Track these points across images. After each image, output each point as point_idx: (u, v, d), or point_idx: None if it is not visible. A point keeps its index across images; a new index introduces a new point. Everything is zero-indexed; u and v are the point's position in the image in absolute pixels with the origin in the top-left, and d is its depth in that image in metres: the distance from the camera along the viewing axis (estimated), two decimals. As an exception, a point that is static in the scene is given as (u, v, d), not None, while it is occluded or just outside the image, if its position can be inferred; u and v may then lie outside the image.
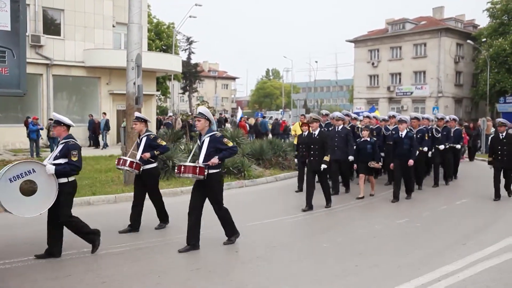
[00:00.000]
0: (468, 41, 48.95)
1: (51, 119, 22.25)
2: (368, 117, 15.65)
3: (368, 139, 12.53)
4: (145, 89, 14.66)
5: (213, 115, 31.01)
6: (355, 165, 12.92)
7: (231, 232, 8.00)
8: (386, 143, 14.30)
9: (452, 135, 15.49)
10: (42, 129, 21.75)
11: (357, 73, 58.56)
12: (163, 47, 44.14)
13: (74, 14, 27.63)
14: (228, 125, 34.52)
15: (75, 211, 10.48)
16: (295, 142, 14.88)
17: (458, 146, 15.98)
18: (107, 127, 26.98)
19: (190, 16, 43.87)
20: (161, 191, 12.24)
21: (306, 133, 11.74)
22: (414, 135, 12.69)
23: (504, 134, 12.30)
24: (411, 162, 12.03)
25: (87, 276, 6.36)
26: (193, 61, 65.18)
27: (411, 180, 12.68)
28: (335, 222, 9.77)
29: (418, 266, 6.81)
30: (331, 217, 10.08)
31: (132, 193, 11.53)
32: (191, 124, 26.66)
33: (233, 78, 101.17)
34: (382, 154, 13.90)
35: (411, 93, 52.47)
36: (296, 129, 15.83)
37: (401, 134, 12.24)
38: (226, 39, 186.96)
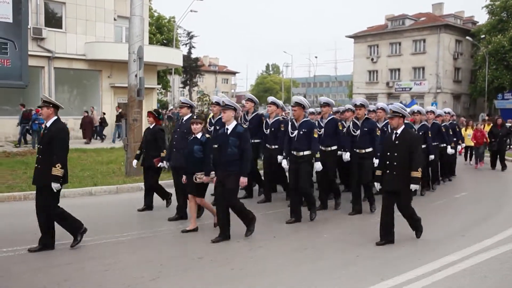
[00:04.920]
0: (467, 37, 48.97)
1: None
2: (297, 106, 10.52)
3: (199, 136, 8.00)
4: (146, 83, 14.76)
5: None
6: (184, 177, 8.29)
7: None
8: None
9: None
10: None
11: (357, 68, 58.64)
12: (164, 41, 44.15)
13: (75, 7, 27.59)
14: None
15: (77, 201, 10.64)
16: None
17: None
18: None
19: (191, 11, 43.92)
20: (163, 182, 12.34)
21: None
22: (246, 131, 7.80)
23: (400, 130, 7.63)
24: (243, 180, 7.58)
25: (89, 264, 6.43)
26: (193, 56, 65.46)
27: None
28: (334, 214, 9.80)
29: (418, 257, 6.89)
30: (330, 210, 10.10)
31: (134, 184, 11.68)
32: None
33: (233, 73, 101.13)
34: None
35: (410, 88, 52.53)
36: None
37: (227, 129, 7.75)
38: (226, 34, 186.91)
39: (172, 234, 7.96)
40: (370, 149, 9.69)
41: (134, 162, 10.08)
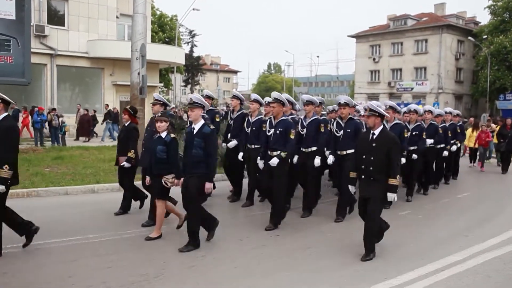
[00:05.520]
0: (469, 38, 48.92)
1: (54, 109, 22.35)
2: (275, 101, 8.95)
3: (163, 135, 7.44)
4: (148, 81, 14.71)
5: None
6: (147, 179, 7.88)
7: None
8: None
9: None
10: (45, 119, 21.72)
11: (358, 68, 58.62)
12: (166, 39, 44.12)
13: (78, 5, 27.67)
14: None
15: (80, 198, 10.63)
16: None
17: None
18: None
19: (193, 9, 43.92)
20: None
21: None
22: (212, 133, 7.16)
23: (377, 131, 6.94)
24: (208, 186, 7.09)
25: (93, 261, 6.45)
26: (195, 54, 65.42)
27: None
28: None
29: (421, 256, 6.89)
30: (333, 208, 10.10)
31: (136, 182, 11.33)
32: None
33: (235, 72, 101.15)
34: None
35: (412, 89, 52.49)
36: None
37: (193, 129, 7.19)
38: (228, 33, 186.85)
39: (175, 232, 7.95)
40: (352, 151, 8.61)
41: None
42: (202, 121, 7.19)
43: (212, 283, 5.82)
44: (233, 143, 10.17)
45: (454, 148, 13.77)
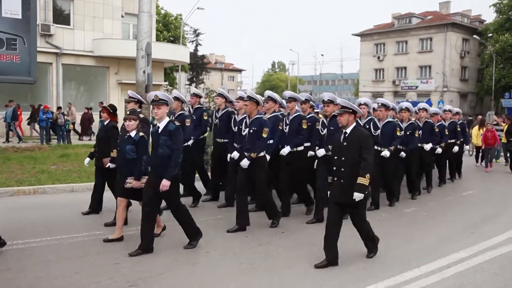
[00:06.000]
0: (474, 36, 48.78)
1: (59, 108, 22.42)
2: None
3: (133, 134, 7.17)
4: (153, 79, 14.75)
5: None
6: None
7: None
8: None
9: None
10: (51, 117, 21.80)
11: (363, 66, 58.55)
12: (171, 38, 44.20)
13: (83, 4, 27.78)
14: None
15: (87, 196, 10.66)
16: None
17: (386, 153, 9.85)
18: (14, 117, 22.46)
19: (198, 8, 43.90)
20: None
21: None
22: (178, 129, 6.79)
23: (349, 129, 6.41)
24: (164, 184, 6.52)
25: (99, 257, 6.48)
26: (200, 53, 65.34)
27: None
28: (342, 210, 9.80)
29: (427, 253, 6.89)
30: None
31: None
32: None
33: (239, 70, 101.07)
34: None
35: (416, 87, 52.38)
36: None
37: (158, 127, 6.82)
38: (232, 32, 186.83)
39: (179, 229, 7.97)
40: None
41: (86, 160, 9.10)
42: (167, 119, 6.88)
43: (217, 279, 5.83)
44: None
45: (456, 149, 13.25)
